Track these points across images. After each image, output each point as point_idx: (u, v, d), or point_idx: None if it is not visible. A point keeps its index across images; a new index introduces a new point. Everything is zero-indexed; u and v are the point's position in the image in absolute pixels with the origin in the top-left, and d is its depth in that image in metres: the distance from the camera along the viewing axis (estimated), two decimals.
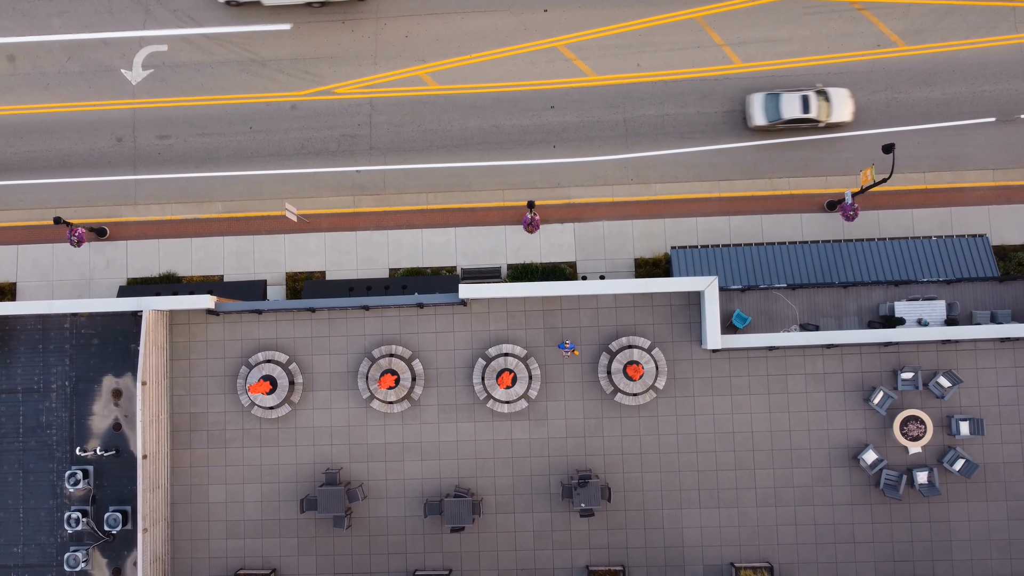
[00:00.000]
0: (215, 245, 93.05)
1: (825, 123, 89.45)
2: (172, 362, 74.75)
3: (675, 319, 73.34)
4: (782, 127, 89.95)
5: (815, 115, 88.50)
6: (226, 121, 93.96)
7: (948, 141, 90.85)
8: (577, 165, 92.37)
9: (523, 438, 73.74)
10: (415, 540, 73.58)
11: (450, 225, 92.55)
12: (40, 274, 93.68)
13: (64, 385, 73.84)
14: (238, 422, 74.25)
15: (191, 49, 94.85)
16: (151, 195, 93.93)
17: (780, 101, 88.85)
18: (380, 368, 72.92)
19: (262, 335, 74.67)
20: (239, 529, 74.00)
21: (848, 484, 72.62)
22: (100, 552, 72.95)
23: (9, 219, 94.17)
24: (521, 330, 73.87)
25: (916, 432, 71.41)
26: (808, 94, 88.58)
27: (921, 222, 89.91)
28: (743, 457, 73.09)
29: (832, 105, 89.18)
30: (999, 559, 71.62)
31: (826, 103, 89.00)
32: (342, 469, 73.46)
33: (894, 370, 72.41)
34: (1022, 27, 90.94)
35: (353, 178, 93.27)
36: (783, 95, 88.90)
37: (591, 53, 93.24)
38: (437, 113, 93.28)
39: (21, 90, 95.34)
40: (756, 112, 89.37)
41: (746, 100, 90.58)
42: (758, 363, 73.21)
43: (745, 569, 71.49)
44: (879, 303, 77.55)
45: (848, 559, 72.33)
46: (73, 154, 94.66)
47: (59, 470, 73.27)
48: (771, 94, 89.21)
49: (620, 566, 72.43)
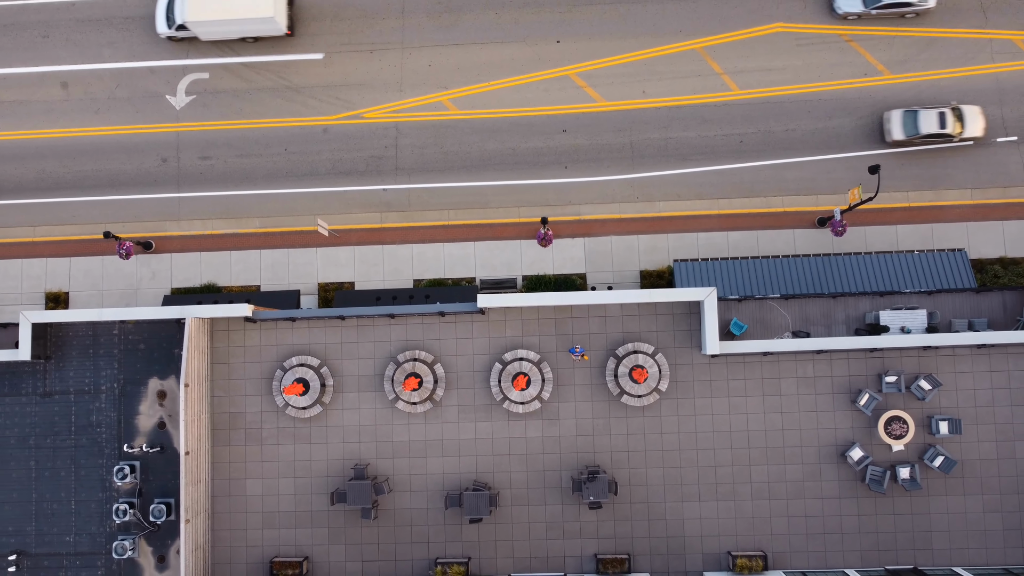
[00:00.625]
0: (252, 258, 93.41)
1: (959, 137, 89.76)
2: (212, 366, 75.08)
3: (677, 327, 73.71)
4: (919, 141, 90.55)
5: (950, 130, 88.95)
6: (263, 143, 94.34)
7: (929, 163, 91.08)
8: (587, 184, 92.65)
9: (536, 436, 74.25)
10: (437, 530, 73.90)
11: (469, 240, 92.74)
12: (91, 284, 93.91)
13: (113, 387, 74.29)
14: (273, 421, 74.71)
15: (231, 77, 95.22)
16: (193, 211, 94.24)
17: (918, 117, 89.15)
18: (404, 371, 73.22)
19: (296, 341, 74.99)
20: (274, 520, 74.45)
21: (836, 479, 73.04)
22: (146, 541, 73.28)
23: (63, 233, 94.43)
24: (535, 336, 74.23)
25: (899, 431, 71.76)
26: (944, 111, 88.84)
27: (904, 237, 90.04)
28: (739, 454, 73.51)
29: (965, 121, 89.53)
30: (975, 549, 71.85)
31: (959, 120, 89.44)
32: (369, 465, 73.89)
33: (879, 374, 72.72)
34: (998, 57, 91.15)
35: (380, 196, 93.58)
36: (921, 112, 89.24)
37: (600, 81, 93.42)
38: (458, 136, 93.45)
39: (74, 115, 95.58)
40: (895, 127, 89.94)
41: (884, 116, 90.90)
42: (753, 367, 73.62)
43: (741, 557, 71.71)
44: (865, 312, 77.57)
45: (836, 548, 72.66)
46: (121, 174, 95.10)
47: (108, 465, 73.72)
48: (909, 111, 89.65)
49: (626, 555, 72.71)
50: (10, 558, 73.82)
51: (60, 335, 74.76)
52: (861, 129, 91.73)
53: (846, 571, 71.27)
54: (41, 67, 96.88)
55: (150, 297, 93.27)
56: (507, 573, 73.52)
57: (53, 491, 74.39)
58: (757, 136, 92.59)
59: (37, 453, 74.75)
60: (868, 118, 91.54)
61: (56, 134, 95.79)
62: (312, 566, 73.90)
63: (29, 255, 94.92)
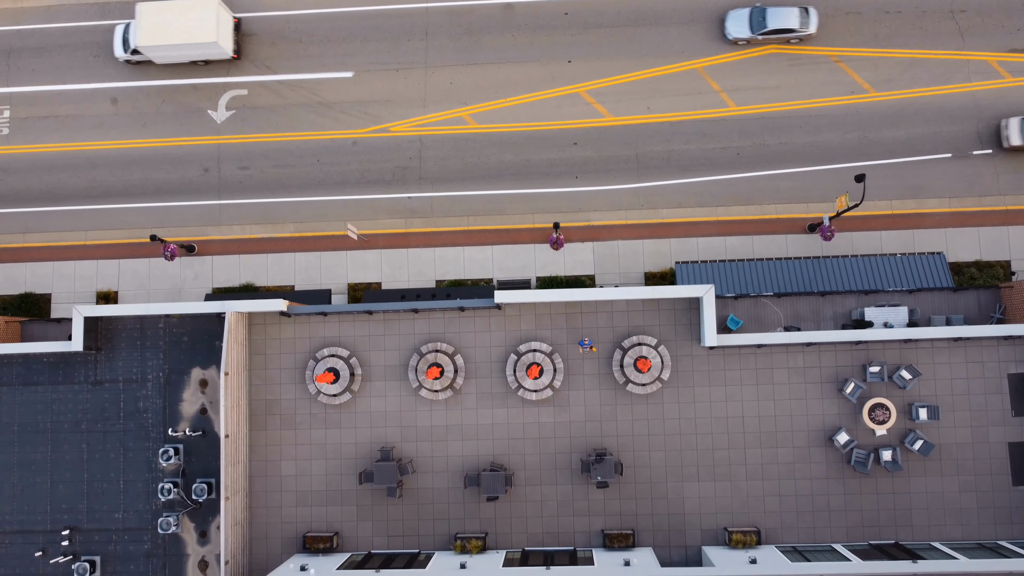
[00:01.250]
0: (287, 260, 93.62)
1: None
2: (250, 356, 75.63)
3: (678, 321, 74.06)
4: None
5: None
6: (297, 155, 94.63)
7: (911, 174, 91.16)
8: (596, 193, 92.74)
9: (548, 422, 74.75)
10: (456, 508, 74.46)
11: (487, 244, 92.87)
12: (138, 284, 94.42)
13: (159, 376, 74.93)
14: (306, 408, 75.24)
15: (268, 93, 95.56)
16: (233, 217, 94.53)
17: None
18: (427, 362, 73.64)
19: (327, 334, 75.46)
20: (307, 498, 74.98)
21: (824, 461, 73.56)
22: (188, 518, 73.75)
23: (113, 237, 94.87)
24: (547, 330, 74.73)
25: (882, 417, 72.14)
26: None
27: (888, 242, 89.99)
28: (735, 438, 74.11)
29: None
30: (952, 525, 72.18)
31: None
32: (395, 448, 74.29)
33: (863, 365, 73.15)
34: (975, 76, 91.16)
35: (405, 203, 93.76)
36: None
37: (608, 98, 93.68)
38: (477, 148, 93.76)
39: (123, 128, 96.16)
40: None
41: None
42: (748, 359, 74.04)
43: (736, 533, 72.04)
44: (851, 309, 78.46)
45: (824, 525, 72.98)
46: (167, 182, 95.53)
47: (154, 448, 74.33)
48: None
49: (631, 530, 73.04)
50: (63, 533, 74.26)
51: (110, 328, 75.22)
52: (848, 142, 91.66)
53: (833, 545, 71.45)
54: (93, 84, 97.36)
55: (192, 296, 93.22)
56: (521, 547, 73.72)
57: (103, 472, 74.86)
58: (753, 149, 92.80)
59: (89, 437, 75.27)
60: (855, 133, 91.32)
61: (106, 146, 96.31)
62: (342, 540, 74.21)
63: (82, 257, 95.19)
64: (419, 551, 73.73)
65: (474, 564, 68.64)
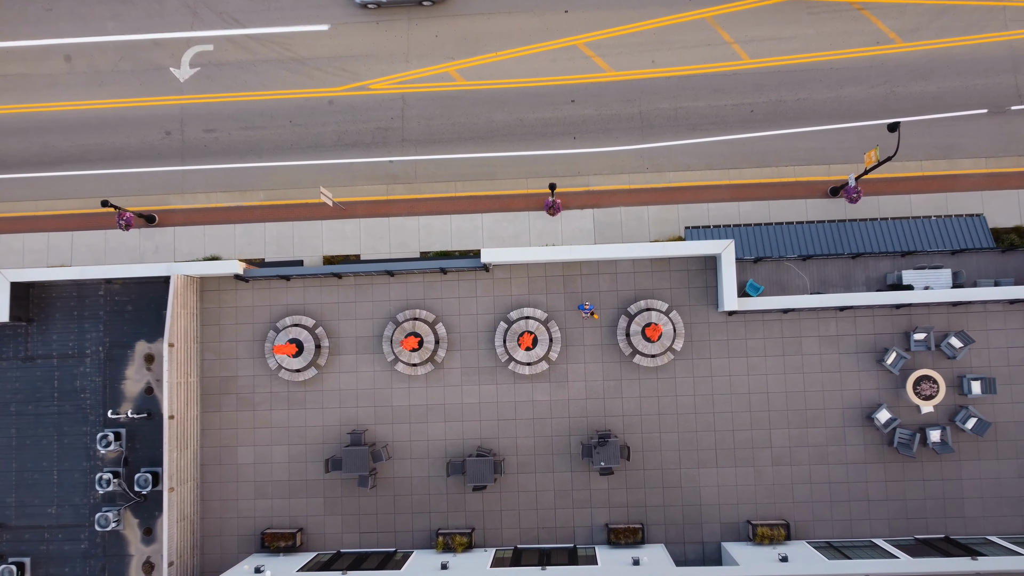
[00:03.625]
0: (257, 231, 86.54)
1: None
2: (202, 327, 68.90)
3: (692, 283, 67.68)
4: None
5: None
6: (268, 115, 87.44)
7: (943, 131, 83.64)
8: (596, 155, 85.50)
9: (544, 399, 67.73)
10: (438, 499, 67.65)
11: (477, 211, 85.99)
12: (94, 259, 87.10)
13: (98, 350, 67.74)
14: (266, 385, 68.45)
15: (235, 49, 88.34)
16: (197, 184, 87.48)
17: None
18: (404, 331, 67.52)
19: (290, 301, 68.97)
20: (267, 489, 68.22)
21: (862, 443, 66.57)
22: (132, 512, 66.71)
23: (66, 208, 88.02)
24: (542, 295, 68.09)
25: (929, 391, 65.18)
26: None
27: (918, 207, 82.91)
28: (759, 417, 66.98)
29: None
30: (1011, 516, 65.79)
31: None
32: (367, 431, 67.51)
33: (906, 332, 66.58)
34: (1012, 24, 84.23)
35: (386, 168, 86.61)
36: None
37: (609, 51, 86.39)
38: (465, 107, 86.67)
39: (78, 88, 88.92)
40: None
41: None
42: (773, 326, 67.28)
43: (761, 527, 65.11)
44: (886, 272, 70.24)
45: (862, 516, 66.16)
46: (126, 147, 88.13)
47: (92, 433, 67.64)
48: None
49: (639, 524, 65.97)
50: None
51: (43, 296, 68.40)
52: (873, 98, 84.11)
53: (874, 540, 64.62)
54: (45, 40, 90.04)
55: None
56: (513, 544, 67.02)
57: (35, 461, 67.75)
58: (768, 105, 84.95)
59: (18, 420, 67.99)
60: (881, 87, 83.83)
61: (60, 107, 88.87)
62: (306, 537, 67.70)
63: (31, 229, 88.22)
64: (395, 550, 66.96)
65: (457, 564, 62.14)
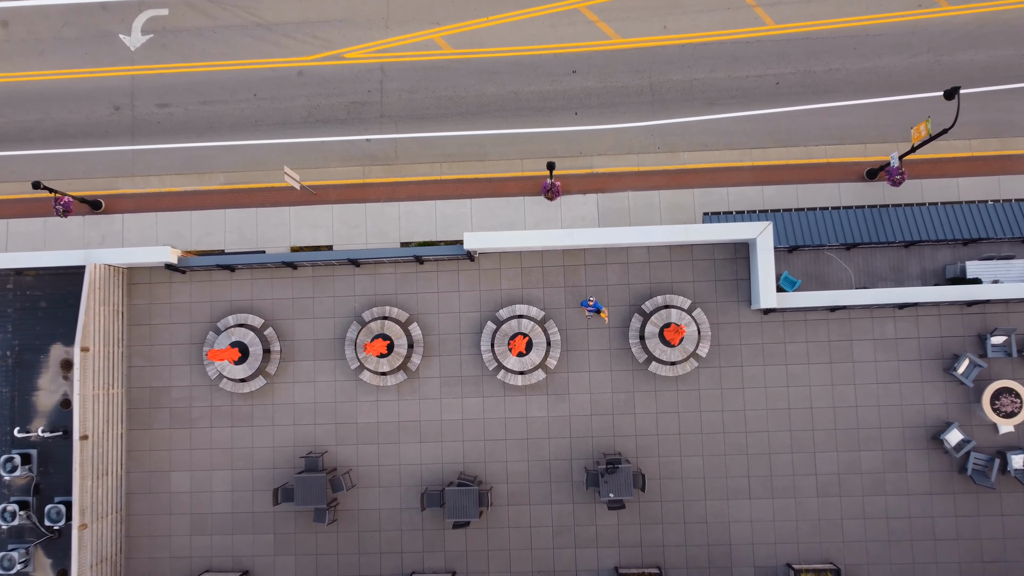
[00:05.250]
0: (216, 218, 78.01)
1: None
2: (130, 328, 59.33)
3: (719, 275, 58.32)
4: None
5: None
6: (229, 88, 78.86)
7: (995, 106, 74.68)
8: (600, 133, 76.74)
9: (540, 416, 57.84)
10: (412, 537, 57.85)
11: (465, 196, 77.49)
12: (32, 250, 78.39)
13: (5, 355, 57.97)
14: (206, 398, 59.00)
15: (193, 13, 79.83)
16: (150, 166, 78.94)
17: None
18: (371, 332, 57.61)
19: (235, 297, 59.57)
20: (206, 524, 58.48)
21: (927, 470, 56.68)
22: (43, 551, 56.88)
23: (1, 192, 79.77)
24: (538, 289, 58.82)
25: (1010, 407, 55.66)
26: None
27: (967, 191, 74.17)
28: (801, 438, 57.20)
29: None
30: None
31: None
32: (326, 453, 58.27)
33: (980, 335, 56.74)
34: None
35: (363, 147, 78.28)
36: None
37: (615, 15, 77.90)
38: (452, 79, 78.25)
39: (16, 57, 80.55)
40: None
41: None
42: (818, 327, 57.87)
43: (805, 571, 56.12)
44: (946, 264, 60.78)
45: (927, 559, 56.81)
46: (69, 124, 79.53)
47: None
48: None
49: (655, 568, 56.40)
50: None
51: None
52: (915, 68, 75.59)
53: None
54: None
55: None
56: None
57: None
58: (795, 77, 76.15)
59: None
60: (924, 56, 75.42)
61: None
62: None
63: None
64: None
65: None
